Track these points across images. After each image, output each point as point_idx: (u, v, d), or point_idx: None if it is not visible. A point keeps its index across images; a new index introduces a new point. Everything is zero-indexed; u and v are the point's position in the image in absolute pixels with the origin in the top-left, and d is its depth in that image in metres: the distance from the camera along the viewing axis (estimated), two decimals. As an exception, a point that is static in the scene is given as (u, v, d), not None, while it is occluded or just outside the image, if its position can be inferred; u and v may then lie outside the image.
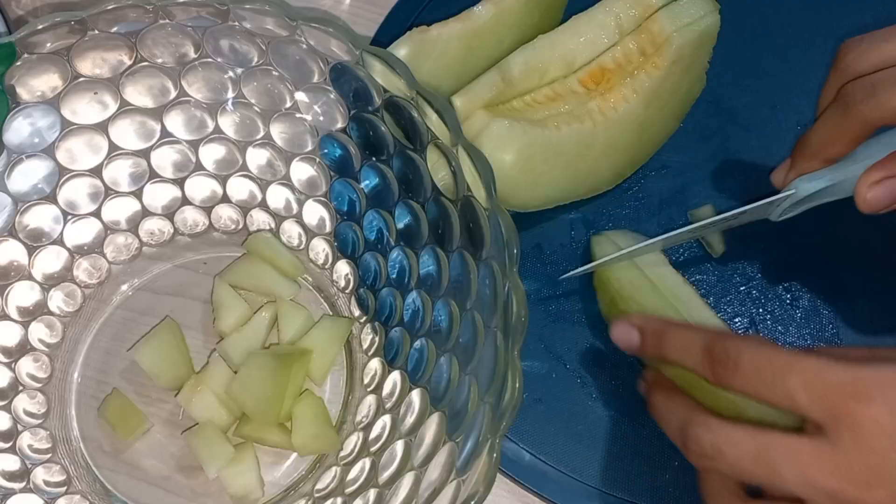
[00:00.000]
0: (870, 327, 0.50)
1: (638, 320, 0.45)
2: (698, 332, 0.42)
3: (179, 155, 0.49)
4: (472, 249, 0.41)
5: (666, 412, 0.43)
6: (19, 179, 0.46)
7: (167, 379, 0.48)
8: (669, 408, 0.42)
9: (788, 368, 0.37)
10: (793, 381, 0.37)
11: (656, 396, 0.44)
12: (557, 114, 0.50)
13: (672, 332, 0.43)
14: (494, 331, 0.39)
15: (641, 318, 0.45)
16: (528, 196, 0.50)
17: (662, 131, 0.54)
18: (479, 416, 0.39)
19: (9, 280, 0.47)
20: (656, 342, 0.43)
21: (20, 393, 0.47)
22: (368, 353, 0.49)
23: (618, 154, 0.51)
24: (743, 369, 0.38)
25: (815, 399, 0.37)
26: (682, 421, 0.41)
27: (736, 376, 0.39)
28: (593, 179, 0.52)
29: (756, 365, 0.38)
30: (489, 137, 0.47)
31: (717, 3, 0.51)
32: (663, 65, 0.50)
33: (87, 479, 0.47)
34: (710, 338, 0.40)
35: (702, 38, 0.50)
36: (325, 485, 0.46)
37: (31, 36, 0.42)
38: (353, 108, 0.45)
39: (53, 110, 0.45)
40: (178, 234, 0.52)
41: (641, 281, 0.50)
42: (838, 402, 0.36)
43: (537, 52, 0.50)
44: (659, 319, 0.45)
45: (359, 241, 0.49)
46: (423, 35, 0.50)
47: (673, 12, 0.50)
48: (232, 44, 0.45)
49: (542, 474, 0.47)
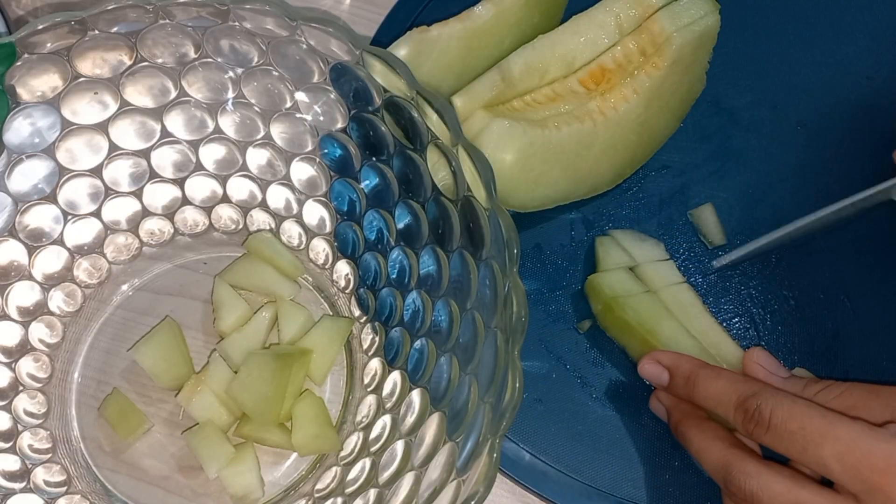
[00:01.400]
0: (869, 326, 0.50)
1: (667, 360, 0.45)
2: (730, 382, 0.42)
3: (179, 155, 0.49)
4: (472, 249, 0.41)
5: (704, 449, 0.43)
6: (19, 179, 0.46)
7: (167, 379, 0.48)
8: (706, 446, 0.42)
9: (821, 438, 0.38)
10: (826, 451, 0.38)
11: (690, 430, 0.44)
12: (557, 114, 0.50)
13: (703, 378, 0.43)
14: (494, 331, 0.39)
15: (671, 358, 0.45)
16: (528, 196, 0.50)
17: (662, 131, 0.54)
18: (479, 416, 0.39)
19: (9, 280, 0.47)
20: (685, 385, 0.44)
21: (20, 393, 0.47)
22: (368, 353, 0.49)
23: (618, 154, 0.51)
24: (776, 429, 0.39)
25: (849, 471, 0.37)
26: (722, 462, 0.41)
27: (767, 434, 0.40)
28: (593, 179, 0.52)
29: (789, 428, 0.39)
30: (489, 137, 0.47)
31: (717, 3, 0.51)
32: (663, 65, 0.50)
33: (87, 479, 0.47)
34: (742, 391, 0.41)
35: (702, 38, 0.50)
36: (325, 485, 0.46)
37: (32, 36, 0.42)
38: (353, 108, 0.45)
39: (53, 110, 0.45)
40: (178, 234, 0.52)
41: (636, 286, 0.50)
42: (872, 477, 0.37)
43: (537, 51, 0.50)
44: (689, 360, 0.45)
45: (359, 241, 0.49)
46: (423, 35, 0.50)
47: (673, 12, 0.50)
48: (232, 44, 0.45)
49: (543, 474, 0.47)
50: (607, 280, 0.50)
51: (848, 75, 0.56)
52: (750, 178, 0.54)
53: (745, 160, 0.55)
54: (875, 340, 0.50)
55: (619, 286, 0.49)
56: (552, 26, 0.52)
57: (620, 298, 0.49)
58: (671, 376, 0.45)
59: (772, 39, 0.57)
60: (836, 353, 0.50)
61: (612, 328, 0.50)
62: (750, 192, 0.54)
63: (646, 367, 0.46)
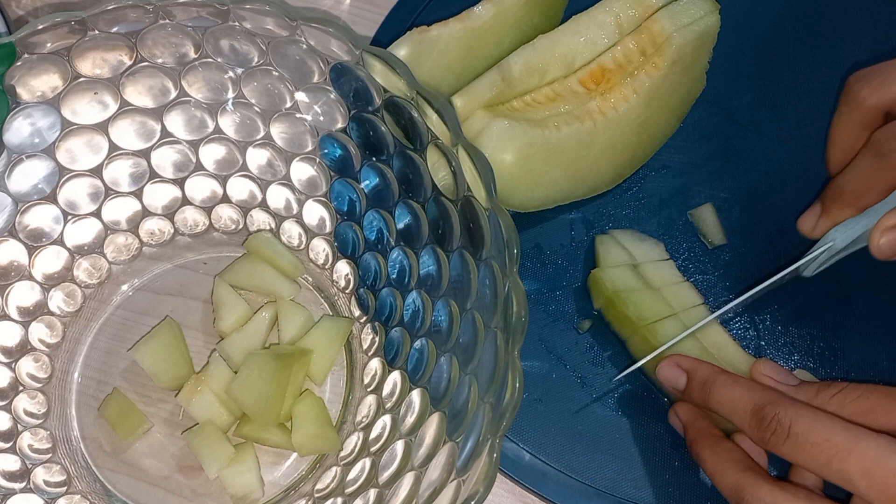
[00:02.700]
0: (869, 326, 0.50)
1: (687, 364, 0.45)
2: (747, 389, 0.42)
3: (179, 155, 0.49)
4: (472, 249, 0.41)
5: (718, 471, 0.42)
6: (19, 179, 0.46)
7: (167, 379, 0.48)
8: (721, 467, 0.42)
9: (846, 452, 0.37)
10: (851, 466, 0.37)
11: (705, 451, 0.43)
12: (557, 114, 0.50)
13: (720, 384, 0.43)
14: (494, 331, 0.39)
15: (690, 363, 0.45)
16: (528, 196, 0.50)
17: (662, 131, 0.54)
18: (479, 416, 0.39)
19: (9, 280, 0.47)
20: (702, 391, 0.44)
21: (20, 393, 0.47)
22: (368, 353, 0.49)
23: (618, 154, 0.51)
24: (796, 440, 0.38)
25: (876, 487, 0.37)
26: (735, 485, 0.40)
27: (786, 445, 0.39)
28: (593, 179, 0.52)
29: (811, 440, 0.38)
30: (489, 137, 0.47)
31: (717, 3, 0.51)
32: (663, 65, 0.50)
33: (87, 479, 0.47)
34: (760, 399, 0.40)
35: (702, 38, 0.50)
36: (325, 485, 0.46)
37: (31, 36, 0.42)
38: (353, 108, 0.45)
39: (53, 110, 0.45)
40: (178, 234, 0.52)
41: (637, 283, 0.50)
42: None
43: (537, 51, 0.50)
44: (708, 366, 0.44)
45: (359, 241, 0.49)
46: (423, 35, 0.50)
47: (673, 12, 0.50)
48: (232, 44, 0.45)
49: (542, 474, 0.47)
50: (609, 275, 0.50)
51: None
52: (750, 178, 0.54)
53: (745, 160, 0.55)
54: (875, 340, 0.50)
55: (620, 282, 0.49)
56: (552, 26, 0.52)
57: (622, 293, 0.49)
58: (688, 380, 0.45)
59: (772, 39, 0.57)
60: (837, 353, 0.50)
61: (614, 322, 0.50)
62: (750, 193, 0.54)
63: (664, 370, 0.46)
